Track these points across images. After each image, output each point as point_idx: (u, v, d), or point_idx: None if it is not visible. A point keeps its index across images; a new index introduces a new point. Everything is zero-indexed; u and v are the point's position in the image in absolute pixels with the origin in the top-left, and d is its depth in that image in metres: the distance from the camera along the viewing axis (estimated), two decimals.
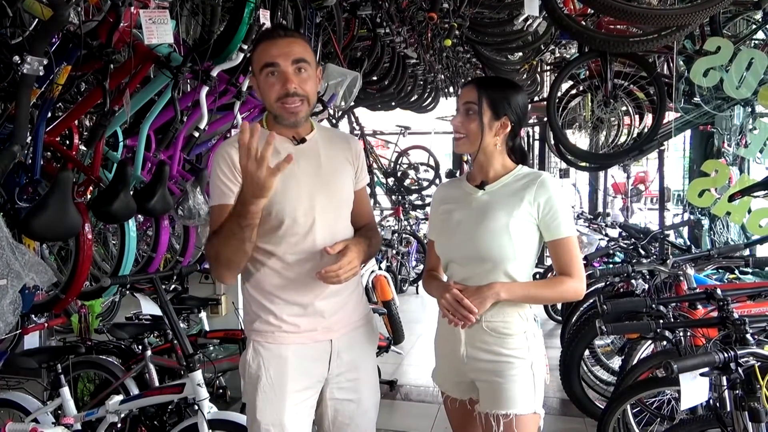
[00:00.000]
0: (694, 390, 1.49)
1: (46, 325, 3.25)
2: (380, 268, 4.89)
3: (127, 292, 3.24)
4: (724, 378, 1.63)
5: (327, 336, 1.61)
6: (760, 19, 3.86)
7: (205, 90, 2.56)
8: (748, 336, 1.72)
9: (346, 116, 7.48)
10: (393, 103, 6.61)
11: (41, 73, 1.75)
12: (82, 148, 2.52)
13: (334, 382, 1.64)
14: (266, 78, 1.53)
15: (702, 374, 1.49)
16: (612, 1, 2.27)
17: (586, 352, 3.50)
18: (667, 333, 2.11)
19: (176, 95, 2.46)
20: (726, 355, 1.47)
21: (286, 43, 1.53)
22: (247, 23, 2.57)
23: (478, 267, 1.62)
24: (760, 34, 3.91)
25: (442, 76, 7.20)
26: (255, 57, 1.57)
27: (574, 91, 4.45)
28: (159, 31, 2.07)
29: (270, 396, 1.57)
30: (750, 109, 4.23)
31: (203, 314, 3.43)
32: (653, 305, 2.13)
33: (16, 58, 1.66)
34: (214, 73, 2.56)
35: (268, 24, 2.68)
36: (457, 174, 8.68)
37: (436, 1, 3.55)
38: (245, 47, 2.60)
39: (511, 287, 1.59)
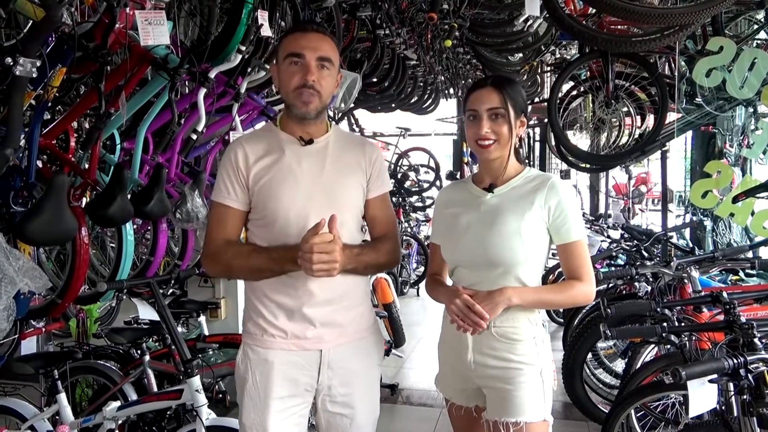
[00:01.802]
0: (702, 397, 1.46)
1: (44, 329, 3.23)
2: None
3: (125, 296, 3.21)
4: (731, 383, 1.60)
5: (317, 346, 1.56)
6: (763, 19, 3.83)
7: (202, 92, 2.53)
8: (756, 340, 1.69)
9: (345, 118, 7.45)
10: (393, 105, 6.58)
11: (34, 75, 1.72)
12: (80, 151, 2.50)
13: (325, 393, 1.59)
14: (288, 66, 1.53)
15: (711, 381, 1.46)
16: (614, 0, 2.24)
17: (589, 355, 3.47)
18: (673, 337, 2.07)
19: (174, 97, 2.43)
20: (735, 361, 1.43)
21: (316, 38, 1.54)
22: (245, 24, 2.54)
23: (488, 271, 1.59)
24: (763, 34, 3.88)
25: (443, 78, 7.18)
26: (282, 45, 1.57)
27: (575, 92, 4.43)
28: (155, 32, 2.04)
29: (255, 399, 1.55)
30: (752, 110, 4.20)
31: (202, 318, 3.40)
32: (658, 308, 2.10)
33: (9, 59, 1.63)
34: (212, 74, 2.53)
35: (266, 25, 2.65)
36: (458, 176, 8.66)
37: (435, 2, 3.52)
38: (243, 48, 2.57)
39: (523, 292, 1.56)
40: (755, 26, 3.94)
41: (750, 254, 3.35)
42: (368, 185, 1.65)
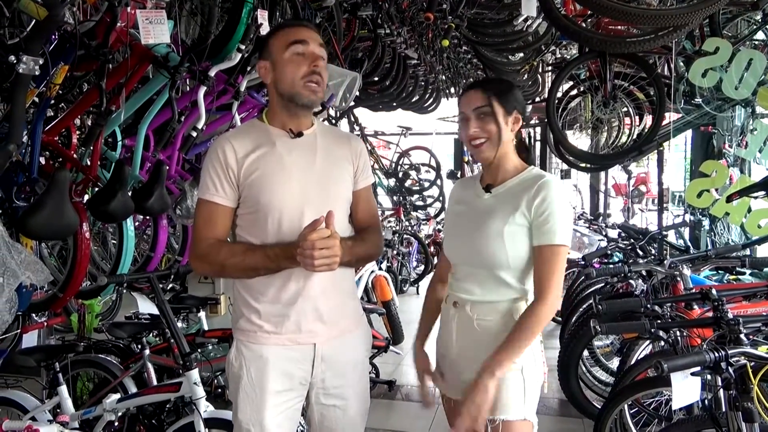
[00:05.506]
0: (685, 389, 1.49)
1: (45, 324, 3.27)
2: (380, 269, 4.89)
3: (125, 290, 3.25)
4: (719, 378, 1.62)
5: (310, 340, 1.58)
6: (760, 20, 3.85)
7: (203, 90, 2.57)
8: (742, 336, 1.71)
9: (345, 117, 7.49)
10: (394, 104, 6.62)
11: (37, 73, 1.76)
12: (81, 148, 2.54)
13: (319, 387, 1.61)
14: (292, 56, 1.53)
15: (693, 374, 1.49)
16: (607, 1, 2.27)
17: (586, 353, 3.50)
18: (661, 333, 2.10)
19: (174, 95, 2.47)
20: (716, 354, 1.46)
21: (312, 31, 1.57)
22: (245, 23, 2.58)
23: (476, 271, 1.61)
24: (760, 35, 3.90)
25: (443, 77, 7.21)
26: (277, 39, 1.55)
27: (574, 92, 4.45)
28: (156, 30, 2.08)
29: (251, 396, 1.56)
30: (750, 110, 4.21)
31: (202, 314, 3.44)
32: (649, 305, 2.13)
33: (12, 57, 1.67)
34: (212, 73, 2.57)
35: (266, 24, 2.69)
36: (459, 175, 8.69)
37: (432, 1, 3.55)
38: (243, 47, 2.61)
39: (499, 360, 1.49)
40: (753, 27, 3.96)
41: (745, 252, 3.37)
42: (355, 177, 1.68)
